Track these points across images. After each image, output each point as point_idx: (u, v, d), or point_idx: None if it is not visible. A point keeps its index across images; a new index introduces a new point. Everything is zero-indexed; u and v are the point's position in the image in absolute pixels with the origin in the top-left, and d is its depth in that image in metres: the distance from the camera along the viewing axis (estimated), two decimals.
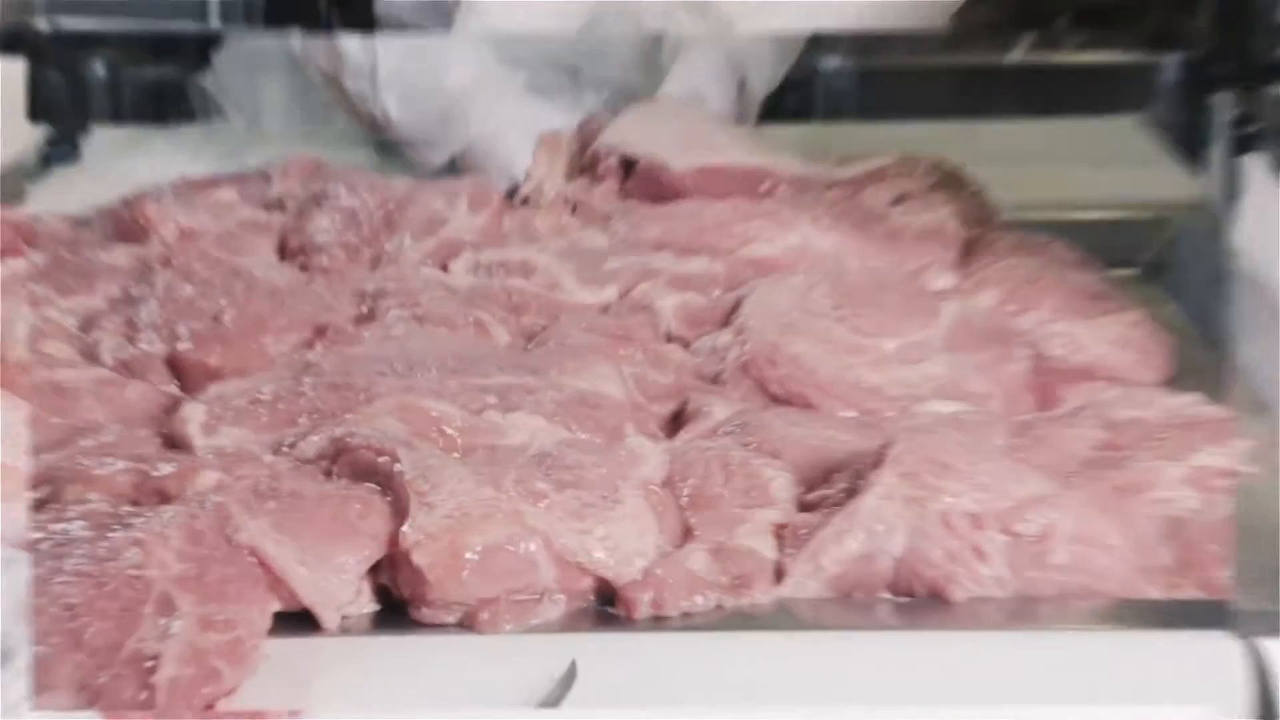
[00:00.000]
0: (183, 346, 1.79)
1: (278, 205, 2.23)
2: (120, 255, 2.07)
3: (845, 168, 2.28)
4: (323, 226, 2.12)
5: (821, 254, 2.05)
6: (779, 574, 1.46)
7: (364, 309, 1.91)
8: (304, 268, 2.08)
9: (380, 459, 1.48)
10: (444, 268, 2.07)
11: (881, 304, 1.85)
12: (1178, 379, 1.91)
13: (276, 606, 1.38)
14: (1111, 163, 2.72)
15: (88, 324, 1.91)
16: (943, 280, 2.05)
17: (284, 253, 2.14)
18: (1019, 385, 1.80)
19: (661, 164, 2.20)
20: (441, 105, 2.42)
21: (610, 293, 1.99)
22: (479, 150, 2.41)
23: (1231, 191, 2.17)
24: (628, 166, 2.25)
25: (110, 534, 1.36)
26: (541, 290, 1.99)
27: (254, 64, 2.66)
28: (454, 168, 2.44)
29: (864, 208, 2.18)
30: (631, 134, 2.27)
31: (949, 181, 2.27)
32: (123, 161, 2.57)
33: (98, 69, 2.56)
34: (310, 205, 2.18)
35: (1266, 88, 2.08)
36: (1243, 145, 2.01)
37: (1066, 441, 1.61)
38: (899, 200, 2.20)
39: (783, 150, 2.31)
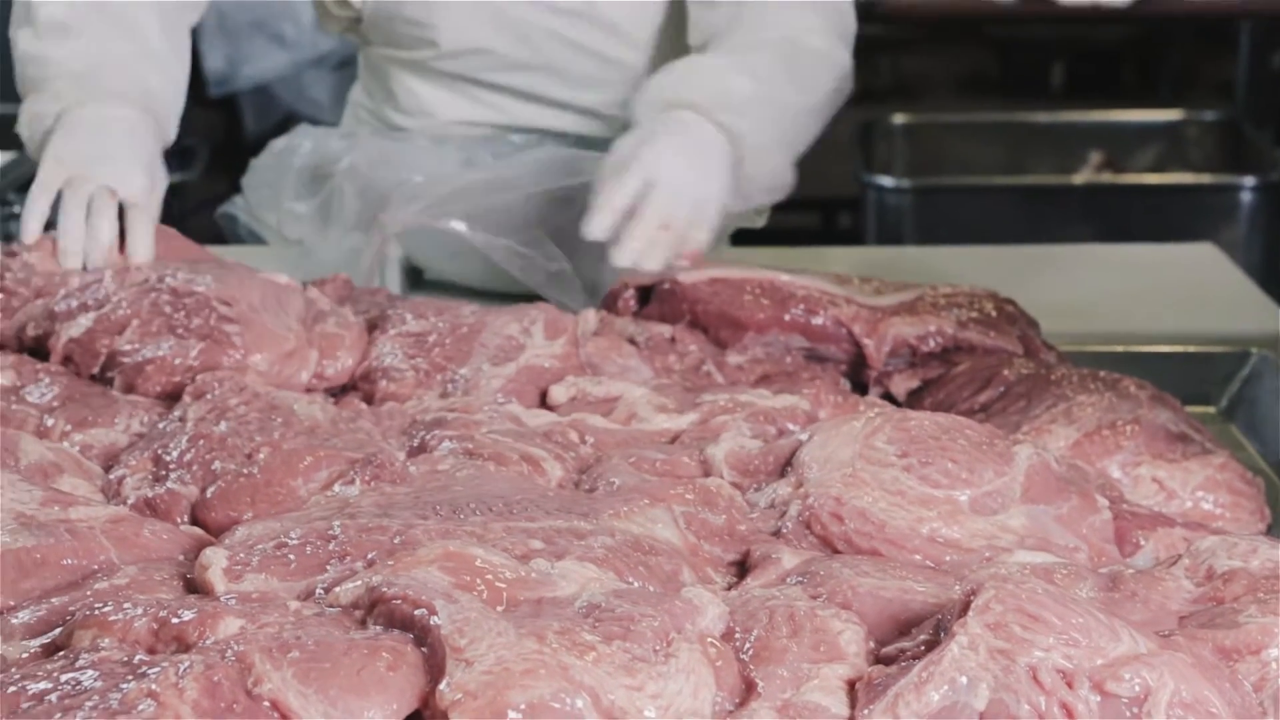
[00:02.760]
0: (209, 496, 1.74)
1: None
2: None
3: (882, 295, 2.22)
4: (387, 351, 2.09)
5: None
6: None
7: (415, 442, 1.86)
8: (367, 398, 2.05)
9: (416, 611, 1.41)
10: (543, 395, 2.05)
11: (950, 450, 1.74)
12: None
13: None
14: (1185, 291, 2.66)
15: (109, 459, 1.86)
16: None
17: None
18: (1105, 537, 1.72)
19: (673, 278, 2.27)
20: None
21: (686, 420, 1.95)
22: None
23: None
24: (643, 299, 2.32)
25: (123, 685, 1.31)
26: (616, 425, 1.95)
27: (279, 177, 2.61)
28: None
29: None
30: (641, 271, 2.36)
31: (1001, 315, 2.18)
32: None
33: None
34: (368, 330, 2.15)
35: None
36: None
37: (1163, 595, 1.54)
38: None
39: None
